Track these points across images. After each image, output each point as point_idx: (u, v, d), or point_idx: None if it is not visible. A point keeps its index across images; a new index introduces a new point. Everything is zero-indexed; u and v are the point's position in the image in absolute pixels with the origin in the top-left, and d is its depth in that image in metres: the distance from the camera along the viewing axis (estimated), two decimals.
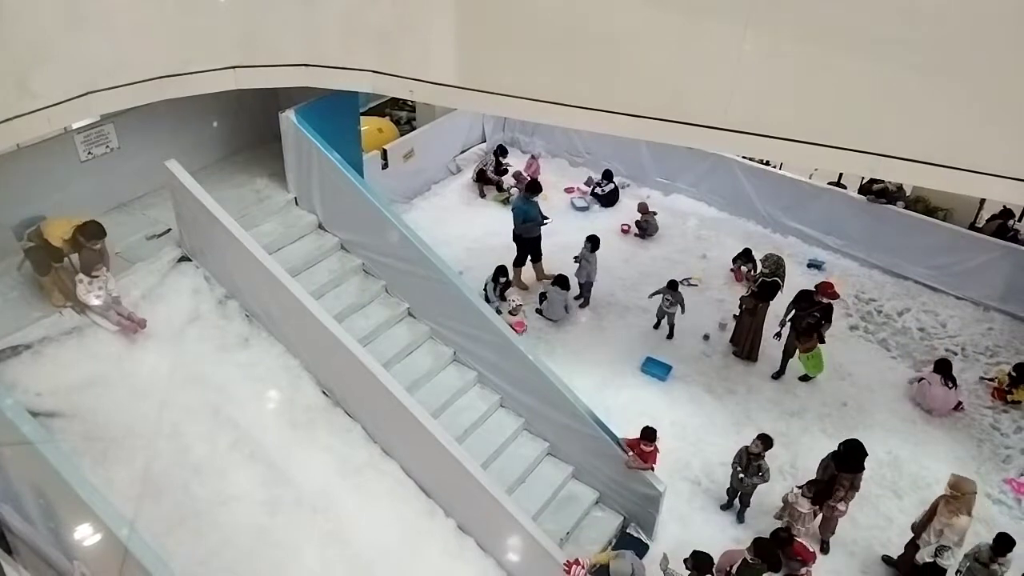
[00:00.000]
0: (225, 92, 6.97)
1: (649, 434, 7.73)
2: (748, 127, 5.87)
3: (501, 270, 10.75)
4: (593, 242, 10.71)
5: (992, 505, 8.73)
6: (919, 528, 7.55)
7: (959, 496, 7.15)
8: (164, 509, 6.25)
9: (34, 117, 5.88)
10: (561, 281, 10.52)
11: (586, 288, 11.08)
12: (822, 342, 9.80)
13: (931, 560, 7.25)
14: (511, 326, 9.34)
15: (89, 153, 7.81)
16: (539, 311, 10.96)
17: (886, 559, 7.96)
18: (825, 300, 9.65)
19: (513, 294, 10.46)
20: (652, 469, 7.89)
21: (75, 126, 7.58)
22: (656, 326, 10.69)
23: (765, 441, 7.99)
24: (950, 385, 9.50)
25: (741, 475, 8.07)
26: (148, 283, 7.40)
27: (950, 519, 7.15)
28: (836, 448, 7.81)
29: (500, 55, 6.57)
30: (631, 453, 7.73)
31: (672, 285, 10.37)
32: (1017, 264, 11.13)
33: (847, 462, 7.65)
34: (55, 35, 5.79)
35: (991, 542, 7.11)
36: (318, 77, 7.11)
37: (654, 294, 10.55)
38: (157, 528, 5.92)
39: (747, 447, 8.07)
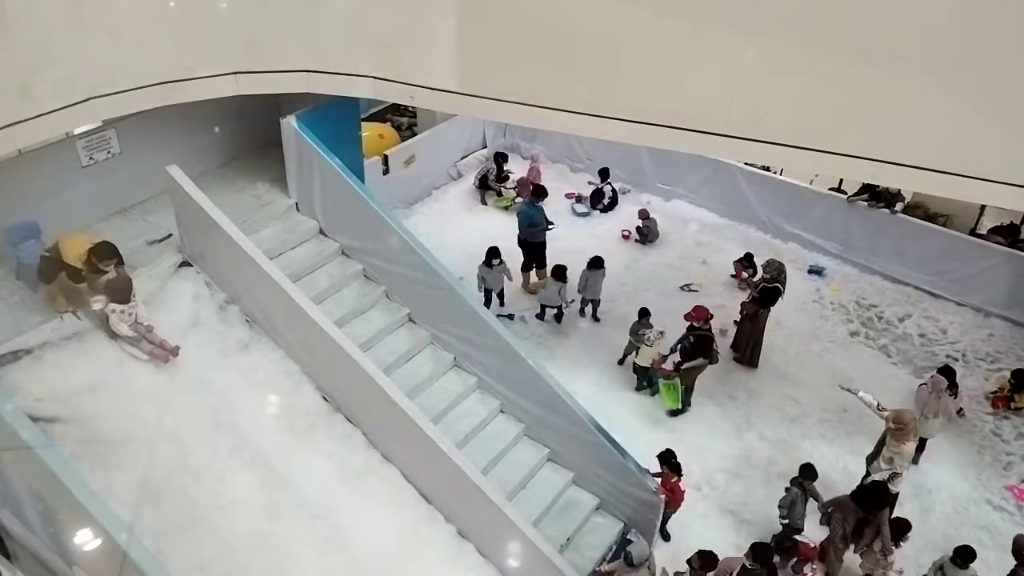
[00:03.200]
0: (226, 98, 6.98)
1: (666, 459, 7.80)
2: (749, 133, 5.87)
3: (493, 251, 10.50)
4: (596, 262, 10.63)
5: (993, 512, 8.73)
6: (870, 458, 8.17)
7: (903, 427, 7.71)
8: (164, 514, 6.23)
9: (36, 122, 5.89)
10: (558, 272, 10.46)
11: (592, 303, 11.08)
12: (677, 372, 9.50)
13: (883, 480, 7.74)
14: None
15: (91, 158, 7.82)
16: (539, 316, 10.96)
17: None
18: (695, 324, 9.35)
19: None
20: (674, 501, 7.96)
21: (77, 131, 7.58)
22: (621, 361, 10.36)
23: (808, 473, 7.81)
24: (949, 392, 9.46)
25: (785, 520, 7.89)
26: (149, 288, 7.40)
27: (899, 447, 7.76)
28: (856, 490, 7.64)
29: (501, 61, 6.58)
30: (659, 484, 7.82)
31: (644, 313, 9.96)
32: (1018, 270, 11.14)
33: (868, 501, 7.46)
34: (57, 40, 5.80)
35: (952, 553, 7.27)
36: (319, 83, 7.12)
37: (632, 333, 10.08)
38: (157, 533, 5.91)
39: (801, 481, 7.80)
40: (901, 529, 7.55)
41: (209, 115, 8.45)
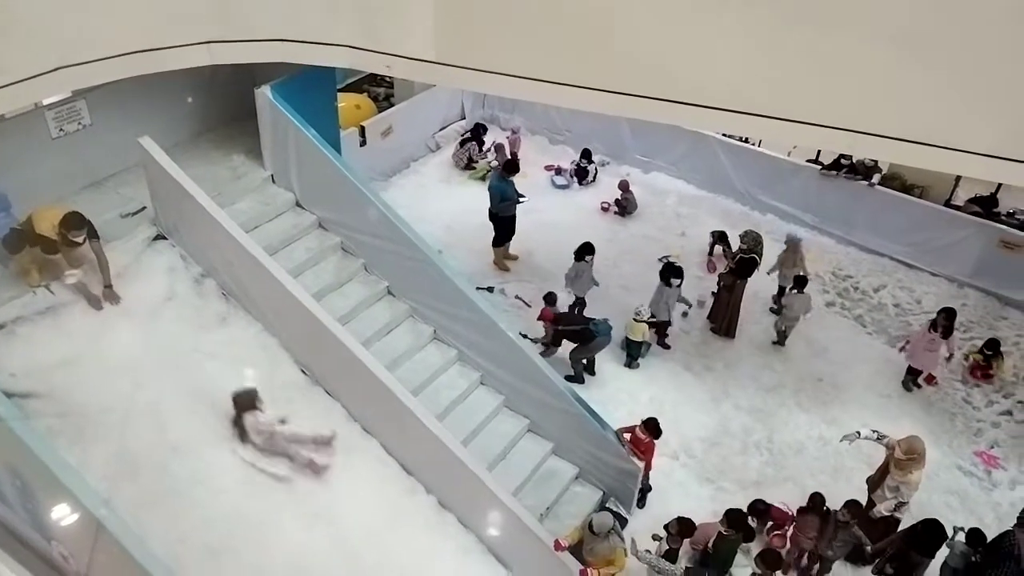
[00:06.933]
0: (200, 67, 6.85)
1: (650, 424, 7.81)
2: (730, 104, 5.85)
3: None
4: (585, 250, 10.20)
5: (963, 477, 8.94)
6: (873, 485, 7.80)
7: (915, 457, 7.37)
8: (142, 488, 6.20)
9: (2, 92, 5.75)
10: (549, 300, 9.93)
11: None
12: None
13: (888, 514, 7.54)
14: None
15: (61, 130, 7.66)
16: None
17: None
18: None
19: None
20: (646, 462, 7.98)
21: (46, 102, 7.41)
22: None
23: (853, 509, 7.30)
24: (932, 332, 9.45)
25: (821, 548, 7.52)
26: (123, 262, 7.30)
27: (905, 476, 7.40)
28: (912, 528, 7.31)
29: (480, 30, 6.50)
30: (628, 441, 7.85)
31: (550, 301, 9.78)
32: (991, 241, 11.30)
33: (925, 544, 7.19)
34: (24, 8, 5.65)
35: (965, 538, 7.26)
36: (294, 52, 6.99)
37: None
38: (135, 507, 5.88)
39: (835, 513, 7.36)
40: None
41: (182, 85, 8.29)
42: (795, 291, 10.23)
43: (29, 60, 5.82)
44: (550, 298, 9.80)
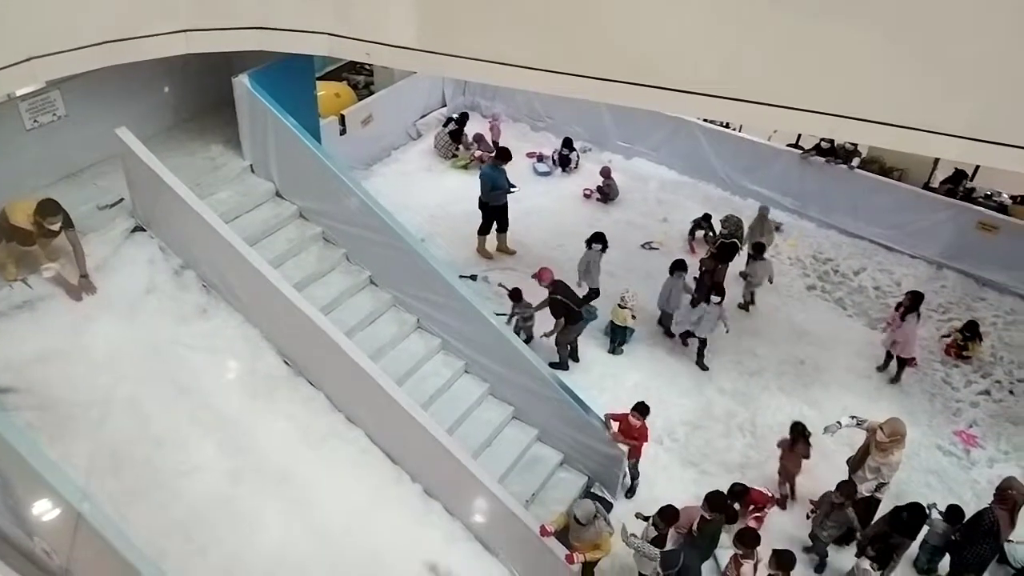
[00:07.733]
0: (177, 56, 6.77)
1: (641, 408, 7.81)
2: (710, 90, 5.86)
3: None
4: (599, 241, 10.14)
5: (943, 456, 9.06)
6: (854, 466, 7.93)
7: (898, 439, 7.46)
8: (125, 482, 6.16)
9: None
10: (515, 295, 9.78)
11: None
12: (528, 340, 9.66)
13: (869, 495, 7.65)
14: None
15: (35, 121, 7.53)
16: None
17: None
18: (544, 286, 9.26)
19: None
20: (638, 448, 8.02)
21: (19, 93, 7.29)
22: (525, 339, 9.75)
23: (846, 490, 7.36)
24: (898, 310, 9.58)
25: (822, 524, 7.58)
26: (101, 254, 7.21)
27: (886, 458, 7.51)
28: (895, 510, 7.25)
29: (461, 16, 6.45)
30: (615, 428, 7.86)
31: (516, 296, 9.70)
32: (968, 222, 11.41)
33: (908, 526, 7.22)
34: None
35: (943, 515, 7.41)
36: (273, 40, 6.92)
37: (509, 317, 9.79)
38: (119, 501, 5.85)
39: (831, 494, 7.42)
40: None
41: (159, 74, 8.18)
42: (755, 258, 10.55)
43: (0, 50, 5.72)
44: (515, 294, 9.70)
